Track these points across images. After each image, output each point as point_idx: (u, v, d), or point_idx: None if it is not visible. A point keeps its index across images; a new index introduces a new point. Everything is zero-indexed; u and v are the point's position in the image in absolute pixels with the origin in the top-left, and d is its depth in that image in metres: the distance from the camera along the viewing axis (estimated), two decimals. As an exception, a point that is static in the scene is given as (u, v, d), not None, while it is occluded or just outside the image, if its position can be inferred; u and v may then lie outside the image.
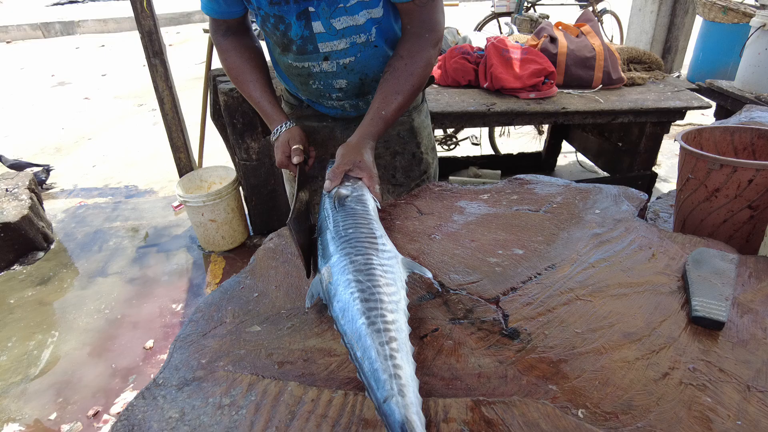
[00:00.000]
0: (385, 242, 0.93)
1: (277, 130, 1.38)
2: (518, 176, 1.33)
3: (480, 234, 1.09)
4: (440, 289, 0.91)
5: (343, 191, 1.08)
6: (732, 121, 1.69)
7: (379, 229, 0.97)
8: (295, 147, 1.33)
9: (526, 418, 0.64)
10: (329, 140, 1.56)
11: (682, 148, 1.25)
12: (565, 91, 2.62)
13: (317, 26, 1.24)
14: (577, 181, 1.36)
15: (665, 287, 0.90)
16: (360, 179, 1.14)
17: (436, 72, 2.69)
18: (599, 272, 0.93)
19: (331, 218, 1.00)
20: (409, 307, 0.81)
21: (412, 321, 0.84)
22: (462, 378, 0.72)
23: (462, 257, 1.01)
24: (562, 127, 3.75)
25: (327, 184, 1.14)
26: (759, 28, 2.34)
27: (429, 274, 0.88)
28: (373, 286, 0.79)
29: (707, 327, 0.80)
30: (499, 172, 3.70)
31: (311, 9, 1.22)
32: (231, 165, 3.29)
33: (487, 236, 1.08)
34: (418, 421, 0.60)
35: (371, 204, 1.06)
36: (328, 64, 1.32)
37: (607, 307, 0.85)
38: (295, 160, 1.31)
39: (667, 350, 0.76)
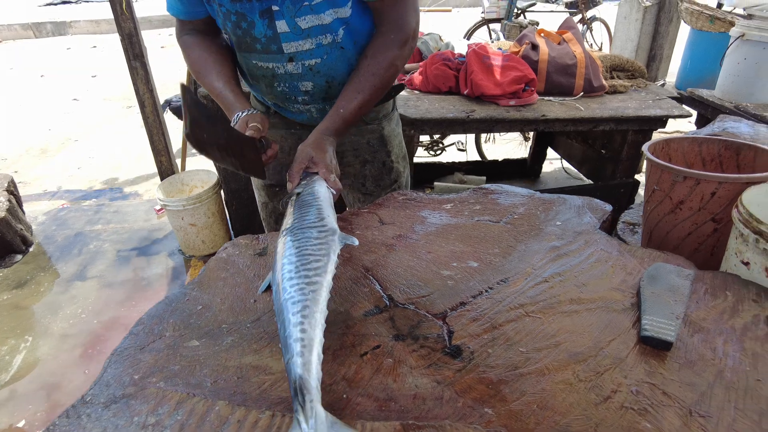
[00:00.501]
0: (327, 223, 0.96)
1: (237, 115, 1.24)
2: (484, 186, 1.31)
3: (438, 245, 1.07)
4: (388, 303, 0.89)
5: (297, 190, 1.11)
6: (705, 131, 1.67)
7: (326, 210, 1.00)
8: (252, 124, 1.20)
9: (455, 444, 0.61)
10: (296, 147, 1.52)
11: (648, 159, 1.23)
12: (546, 98, 2.60)
13: (281, 25, 1.21)
14: (544, 191, 1.34)
15: (618, 304, 0.87)
16: (316, 173, 1.15)
17: (417, 78, 2.67)
18: (552, 287, 0.91)
19: (288, 216, 1.02)
20: (353, 322, 0.81)
21: (353, 338, 0.81)
22: (397, 399, 0.69)
23: (416, 270, 0.99)
24: (547, 134, 3.74)
25: (288, 186, 1.16)
26: (738, 37, 2.34)
27: (356, 242, 0.93)
28: (301, 265, 0.83)
29: (656, 347, 0.77)
30: (484, 178, 3.68)
31: (275, 8, 1.18)
32: (213, 169, 3.26)
33: (444, 248, 1.06)
34: (311, 378, 0.65)
35: (322, 192, 1.08)
36: (293, 66, 1.28)
37: (556, 324, 0.82)
38: (249, 133, 1.17)
39: (612, 372, 0.73)
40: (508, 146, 4.45)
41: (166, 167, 3.31)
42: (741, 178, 1.07)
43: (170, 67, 6.25)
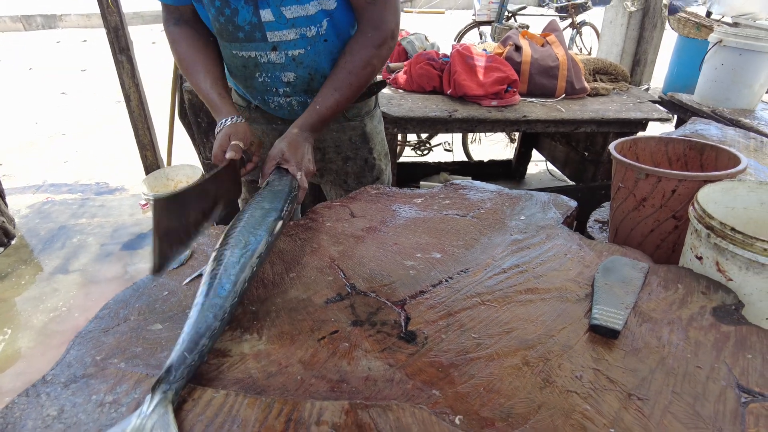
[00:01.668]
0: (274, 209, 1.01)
1: (222, 123, 1.25)
2: (454, 181, 1.33)
3: (405, 237, 1.09)
4: (350, 291, 0.91)
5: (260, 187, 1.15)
6: (677, 133, 1.71)
7: (276, 200, 1.05)
8: (234, 143, 1.21)
9: (400, 423, 0.63)
10: None
11: (613, 157, 1.26)
12: (528, 99, 2.63)
13: (266, 14, 1.21)
14: (518, 188, 1.36)
15: (573, 295, 0.90)
16: (287, 170, 1.18)
17: (401, 77, 2.69)
18: (510, 278, 0.93)
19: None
20: (315, 309, 0.85)
21: (313, 323, 0.83)
22: (349, 381, 0.71)
23: (380, 260, 1.01)
24: (532, 136, 3.77)
25: (260, 181, 1.18)
26: (716, 43, 2.38)
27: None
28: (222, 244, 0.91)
29: (604, 335, 0.80)
30: (469, 178, 3.71)
31: None
32: (198, 164, 3.26)
33: (410, 240, 1.08)
34: (176, 358, 0.71)
35: (281, 186, 1.11)
36: (276, 55, 1.28)
37: (510, 313, 0.85)
38: (229, 155, 1.17)
39: (559, 358, 0.76)
40: (495, 147, 4.49)
41: (151, 162, 3.31)
42: (699, 176, 1.10)
43: (161, 62, 6.24)
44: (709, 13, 4.63)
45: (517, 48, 2.67)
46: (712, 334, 0.80)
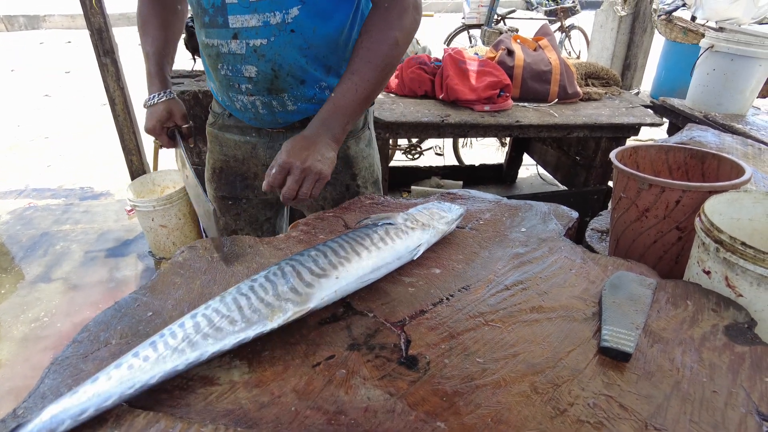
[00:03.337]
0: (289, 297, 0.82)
1: (153, 96, 1.29)
2: (451, 191, 1.29)
3: (401, 251, 1.04)
4: (346, 311, 0.86)
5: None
6: (674, 140, 1.69)
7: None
8: (186, 126, 1.34)
9: (403, 460, 0.59)
10: (250, 158, 1.41)
11: (614, 167, 1.23)
12: (521, 104, 2.61)
13: None
14: (517, 197, 1.33)
15: (580, 313, 0.86)
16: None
17: (392, 81, 2.65)
18: (513, 295, 0.89)
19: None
20: (309, 330, 0.79)
21: (307, 347, 0.79)
22: (347, 412, 0.67)
23: (377, 276, 0.96)
24: (523, 140, 3.75)
25: (264, 184, 1.06)
26: (708, 48, 2.37)
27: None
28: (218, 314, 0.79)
29: (615, 358, 0.76)
30: (461, 183, 3.68)
31: None
32: (185, 169, 3.19)
33: (408, 254, 1.03)
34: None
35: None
36: (236, 44, 1.15)
37: (515, 334, 0.81)
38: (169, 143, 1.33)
39: (569, 383, 0.72)
40: (486, 151, 4.46)
41: (137, 167, 3.23)
42: (704, 187, 1.07)
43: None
44: (693, 18, 4.66)
45: (510, 52, 2.64)
46: (727, 356, 0.76)
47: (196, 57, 2.81)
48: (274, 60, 1.16)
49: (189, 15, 1.44)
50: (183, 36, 2.90)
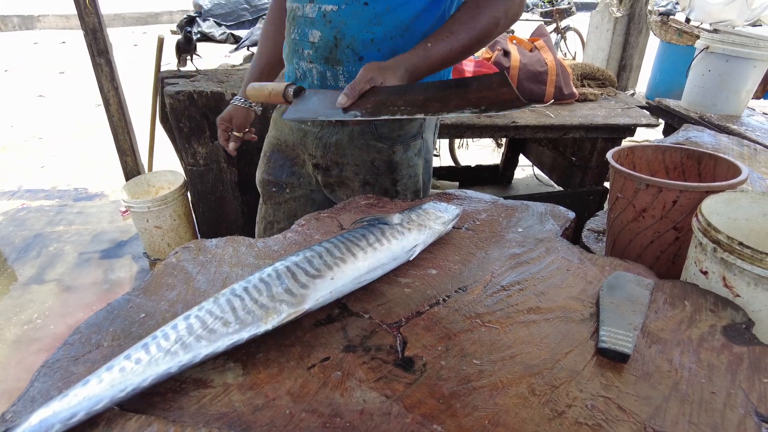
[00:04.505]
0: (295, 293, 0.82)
1: (235, 98, 1.50)
2: (448, 191, 1.28)
3: (398, 252, 1.04)
4: (341, 312, 0.85)
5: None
6: (670, 140, 1.69)
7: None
8: (245, 132, 1.52)
9: (400, 464, 0.58)
10: (300, 145, 1.44)
11: (611, 167, 1.23)
12: (518, 104, 2.60)
13: None
14: (513, 197, 1.32)
15: (577, 314, 0.85)
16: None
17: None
18: (510, 296, 0.88)
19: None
20: (304, 332, 0.78)
21: (302, 349, 0.78)
22: (342, 415, 0.66)
23: (373, 277, 0.95)
24: (519, 141, 3.76)
25: (341, 98, 1.05)
26: (703, 50, 2.38)
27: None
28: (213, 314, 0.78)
29: (613, 359, 0.75)
30: (457, 183, 3.68)
31: None
32: (180, 170, 3.17)
33: (404, 255, 1.02)
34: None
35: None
36: (310, 8, 1.21)
37: (513, 335, 0.80)
38: (231, 146, 1.49)
39: (567, 385, 0.71)
40: (482, 152, 4.46)
41: (131, 167, 3.22)
42: (701, 187, 1.06)
43: (142, 65, 6.11)
44: (688, 20, 4.69)
45: (506, 53, 2.64)
46: (725, 356, 0.76)
47: (182, 58, 2.81)
48: (339, 28, 1.19)
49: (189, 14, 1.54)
50: (179, 38, 2.90)
